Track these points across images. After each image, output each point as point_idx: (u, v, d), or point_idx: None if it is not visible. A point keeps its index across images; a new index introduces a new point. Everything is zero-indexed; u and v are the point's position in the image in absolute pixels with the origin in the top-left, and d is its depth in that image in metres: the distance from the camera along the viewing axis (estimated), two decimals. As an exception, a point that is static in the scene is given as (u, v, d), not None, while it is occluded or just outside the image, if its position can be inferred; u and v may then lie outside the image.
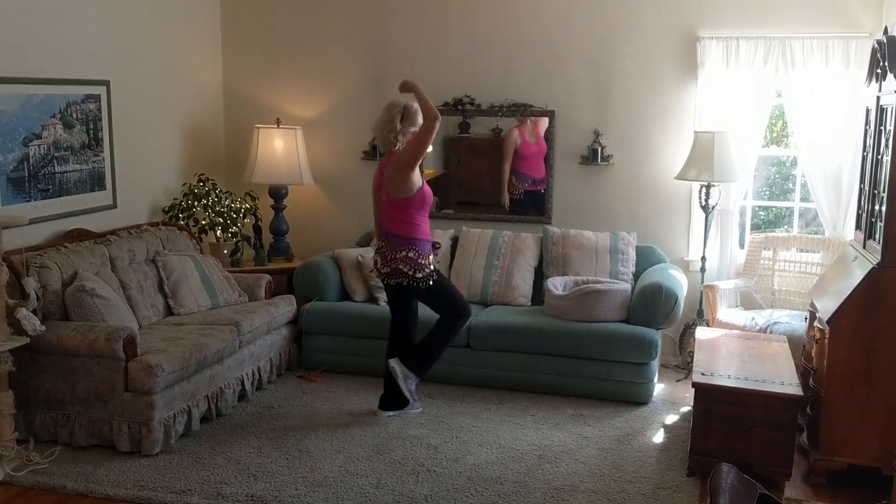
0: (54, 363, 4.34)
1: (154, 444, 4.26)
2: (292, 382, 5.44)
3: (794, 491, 4.03)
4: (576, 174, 6.06)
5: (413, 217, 4.65)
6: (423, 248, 4.66)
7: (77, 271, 4.64)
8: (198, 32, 6.39)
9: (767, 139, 6.10)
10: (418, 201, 4.65)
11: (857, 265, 4.19)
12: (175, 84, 6.13)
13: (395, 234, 4.65)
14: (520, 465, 4.23)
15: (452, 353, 5.32)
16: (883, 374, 3.91)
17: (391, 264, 4.64)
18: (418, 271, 4.61)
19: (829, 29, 5.40)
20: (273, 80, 6.55)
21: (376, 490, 3.94)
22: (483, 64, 6.09)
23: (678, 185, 5.82)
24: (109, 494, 3.88)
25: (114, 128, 5.48)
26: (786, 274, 5.70)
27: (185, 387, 4.46)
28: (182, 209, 5.94)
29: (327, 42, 6.41)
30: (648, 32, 5.80)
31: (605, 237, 5.75)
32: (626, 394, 5.10)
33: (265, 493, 3.88)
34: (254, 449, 4.39)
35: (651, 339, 5.01)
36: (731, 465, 2.28)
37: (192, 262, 5.41)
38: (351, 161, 6.47)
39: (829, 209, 5.55)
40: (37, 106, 4.88)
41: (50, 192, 5.01)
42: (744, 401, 3.96)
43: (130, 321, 4.69)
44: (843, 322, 3.97)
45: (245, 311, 5.23)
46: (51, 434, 4.38)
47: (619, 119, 5.94)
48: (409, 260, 4.60)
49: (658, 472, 4.19)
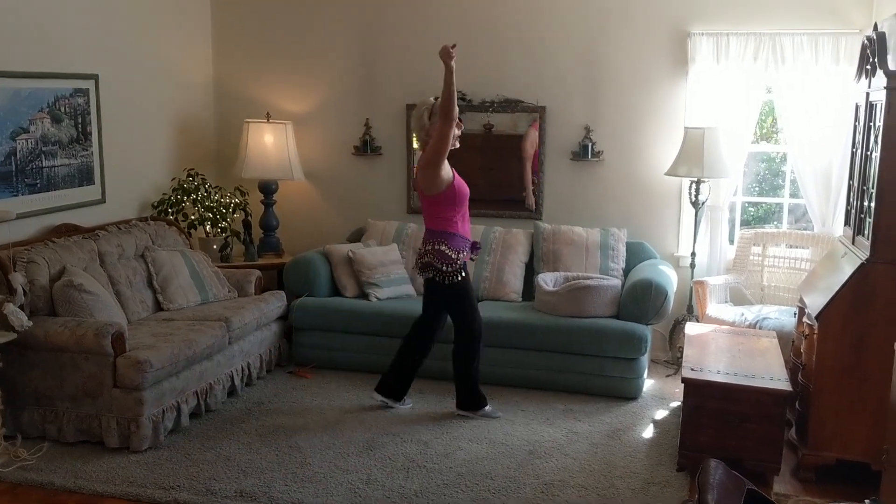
0: (42, 359, 4.32)
1: (143, 441, 4.24)
2: (282, 378, 5.43)
3: (783, 486, 4.04)
4: (566, 170, 6.07)
5: (444, 212, 4.57)
6: (455, 244, 4.58)
7: (65, 266, 4.61)
8: (188, 26, 6.36)
9: (757, 135, 6.11)
10: (449, 198, 4.55)
11: (846, 261, 4.20)
12: (164, 78, 6.10)
13: (429, 228, 4.64)
14: (510, 461, 4.23)
15: (443, 349, 5.31)
16: (871, 369, 3.92)
17: (424, 257, 4.62)
18: (446, 264, 4.56)
19: (819, 25, 5.42)
20: (263, 74, 6.53)
21: (366, 486, 3.94)
22: (474, 60, 6.07)
23: (668, 181, 5.83)
24: (98, 491, 3.86)
25: (102, 122, 5.45)
26: (775, 270, 5.71)
27: (174, 383, 4.44)
28: (171, 204, 5.92)
29: (318, 36, 6.39)
30: (639, 29, 5.80)
31: (596, 233, 5.75)
32: (616, 389, 5.11)
33: (255, 489, 3.87)
34: (243, 445, 4.38)
35: (641, 335, 5.02)
36: (720, 461, 2.29)
37: (181, 257, 5.39)
38: (342, 156, 6.46)
39: (819, 205, 5.57)
40: (24, 100, 4.84)
41: (38, 186, 4.98)
42: (733, 396, 3.97)
43: (119, 317, 4.67)
44: (831, 318, 3.98)
45: (235, 306, 5.21)
46: (39, 430, 4.36)
47: (610, 115, 5.94)
48: (438, 252, 4.56)
49: (648, 467, 4.19)
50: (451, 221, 4.59)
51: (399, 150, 6.36)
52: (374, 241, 5.98)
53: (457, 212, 4.61)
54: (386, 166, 6.41)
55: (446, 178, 4.53)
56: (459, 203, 4.62)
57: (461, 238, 4.61)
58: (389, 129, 6.36)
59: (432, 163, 4.48)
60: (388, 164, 6.40)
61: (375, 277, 5.63)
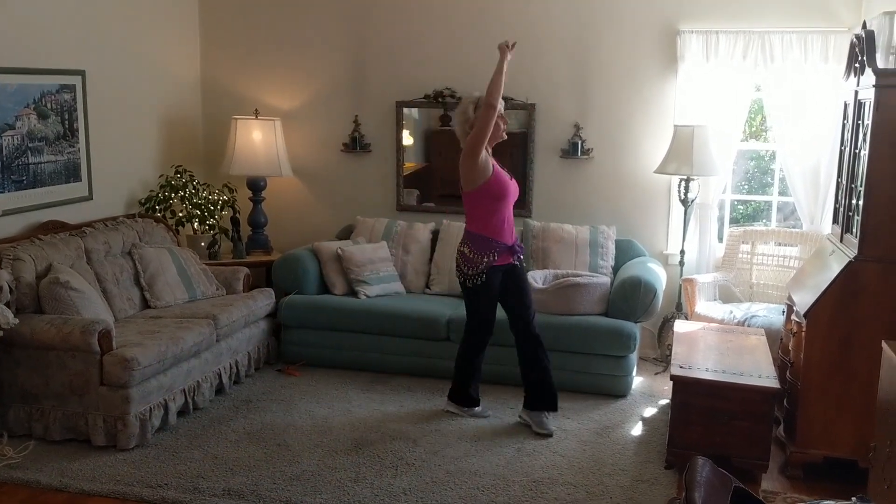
0: (28, 357, 4.29)
1: (130, 439, 4.22)
2: (271, 376, 5.41)
3: (772, 483, 4.05)
4: (556, 168, 6.06)
5: (475, 211, 4.45)
6: (481, 246, 4.43)
7: (52, 263, 4.58)
8: (175, 22, 6.32)
9: (746, 133, 6.13)
10: (484, 194, 4.40)
11: (834, 259, 4.21)
12: (152, 74, 6.06)
13: (465, 228, 4.53)
14: (499, 458, 4.23)
15: (433, 346, 5.32)
16: (859, 367, 3.93)
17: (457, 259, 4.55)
18: (469, 268, 4.45)
19: (808, 23, 5.43)
20: (251, 70, 6.50)
21: (355, 484, 3.92)
22: (464, 56, 6.06)
23: (658, 179, 5.84)
24: (84, 489, 3.83)
25: (89, 118, 5.42)
26: (764, 267, 5.73)
27: (161, 380, 4.42)
28: (159, 201, 5.89)
29: (307, 33, 6.36)
30: (629, 26, 5.80)
31: (585, 231, 5.75)
32: (604, 386, 5.12)
33: (242, 488, 3.85)
34: (231, 443, 4.36)
35: (630, 333, 5.02)
36: (706, 459, 2.28)
37: (168, 254, 5.36)
38: (331, 153, 6.44)
39: (807, 203, 5.59)
40: (10, 96, 4.80)
41: (24, 183, 4.94)
42: (721, 394, 3.98)
43: (106, 314, 4.64)
44: (820, 315, 3.99)
45: (223, 304, 5.19)
46: (25, 428, 4.33)
47: (600, 113, 5.94)
48: (460, 254, 4.48)
49: (636, 464, 4.20)
50: (478, 219, 4.44)
51: (388, 148, 6.34)
52: (364, 238, 5.96)
53: (489, 208, 4.42)
54: (375, 163, 6.39)
55: (484, 172, 4.37)
56: (498, 198, 4.42)
57: (487, 239, 4.43)
58: (379, 127, 6.34)
59: (470, 151, 4.34)
60: (377, 162, 6.38)
61: (364, 275, 5.62)
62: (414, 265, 5.88)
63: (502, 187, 4.45)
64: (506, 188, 4.46)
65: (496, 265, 4.47)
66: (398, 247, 5.90)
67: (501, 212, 4.46)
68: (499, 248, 4.45)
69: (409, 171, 6.39)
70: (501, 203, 4.45)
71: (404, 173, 6.35)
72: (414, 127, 6.37)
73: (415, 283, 5.85)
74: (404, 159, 6.33)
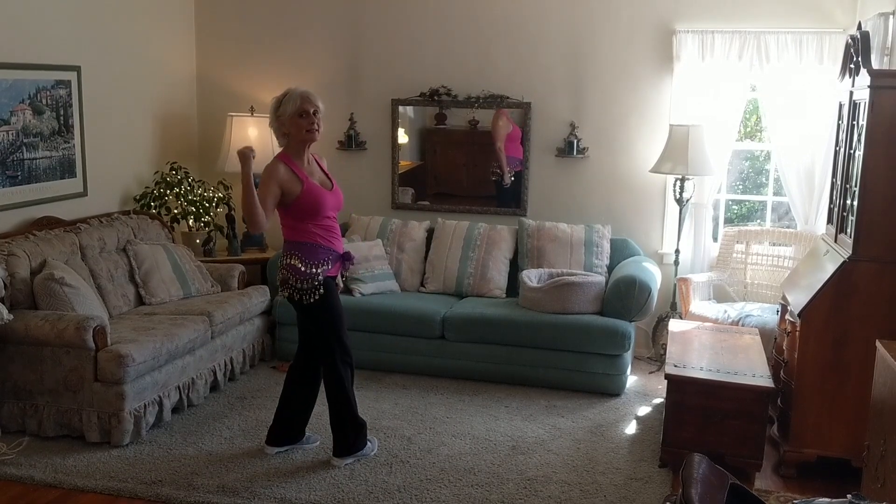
0: (22, 353, 4.27)
1: (124, 435, 4.21)
2: (265, 373, 5.41)
3: (765, 482, 4.06)
4: (551, 166, 6.07)
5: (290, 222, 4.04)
6: (312, 256, 3.98)
7: (46, 259, 4.57)
8: (171, 18, 6.31)
9: (741, 133, 6.14)
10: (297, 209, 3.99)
11: (828, 259, 4.23)
12: (147, 71, 6.04)
13: (284, 238, 4.10)
14: (493, 456, 4.23)
15: (427, 344, 5.31)
16: (853, 366, 3.95)
17: (279, 273, 4.07)
18: (302, 282, 3.96)
19: (803, 24, 5.44)
20: (247, 67, 6.49)
21: (349, 481, 3.92)
22: (460, 55, 6.06)
23: (653, 179, 5.84)
24: (78, 486, 3.83)
25: (85, 114, 5.40)
26: (758, 267, 5.74)
27: (156, 377, 4.41)
28: (154, 198, 5.87)
29: (302, 30, 6.35)
30: (625, 25, 5.80)
31: (580, 230, 5.76)
32: (599, 385, 5.12)
33: (237, 485, 3.85)
34: (226, 440, 4.36)
35: (624, 332, 5.03)
36: (703, 456, 2.28)
37: (163, 251, 5.35)
38: (326, 151, 6.39)
39: (802, 203, 5.60)
40: (5, 91, 4.79)
41: (19, 178, 4.93)
42: (716, 393, 3.99)
43: (100, 310, 4.63)
44: (814, 315, 4.00)
45: (218, 301, 5.18)
46: (18, 424, 4.32)
47: (595, 112, 5.95)
48: (291, 268, 3.97)
49: (630, 463, 4.21)
50: (308, 231, 3.99)
51: (384, 146, 6.33)
52: (359, 236, 5.95)
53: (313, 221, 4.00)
54: (370, 161, 6.39)
55: (290, 193, 3.93)
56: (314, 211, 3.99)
57: (317, 247, 4.00)
58: (374, 124, 6.33)
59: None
60: (372, 159, 6.38)
61: (359, 273, 5.61)
62: (409, 263, 5.87)
63: (316, 200, 3.99)
64: (320, 202, 4.00)
65: (330, 275, 4.09)
66: (393, 245, 5.89)
67: (314, 222, 4.02)
68: (324, 257, 4.03)
69: (404, 170, 6.38)
70: (318, 213, 4.01)
71: (399, 171, 6.35)
72: (409, 125, 6.37)
73: (409, 281, 5.84)
74: (399, 157, 6.33)
